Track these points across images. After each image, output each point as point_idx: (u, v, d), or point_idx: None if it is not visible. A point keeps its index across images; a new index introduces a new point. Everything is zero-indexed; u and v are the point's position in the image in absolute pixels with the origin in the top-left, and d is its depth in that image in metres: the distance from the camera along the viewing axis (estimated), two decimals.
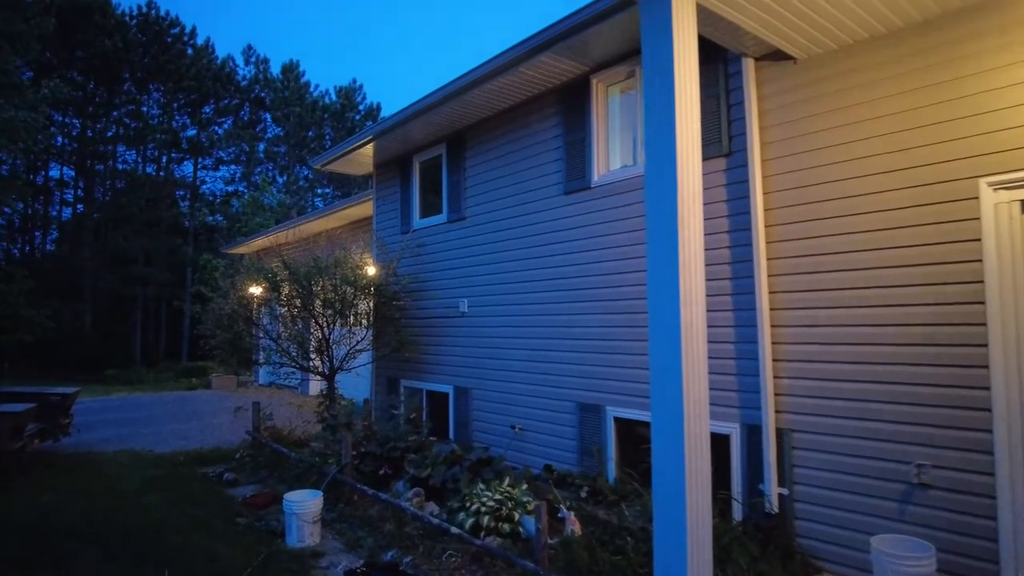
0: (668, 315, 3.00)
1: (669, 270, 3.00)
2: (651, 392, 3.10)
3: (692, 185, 3.09)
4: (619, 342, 5.63)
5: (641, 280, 5.42)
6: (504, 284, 6.99)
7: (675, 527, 2.94)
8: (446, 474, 5.70)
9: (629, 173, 5.65)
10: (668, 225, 3.03)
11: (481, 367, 7.26)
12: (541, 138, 6.57)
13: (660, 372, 3.04)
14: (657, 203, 3.10)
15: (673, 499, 2.95)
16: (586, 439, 5.90)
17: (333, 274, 7.94)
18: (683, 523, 2.91)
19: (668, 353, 3.00)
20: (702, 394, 3.04)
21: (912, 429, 3.87)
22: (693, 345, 2.99)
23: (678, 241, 2.98)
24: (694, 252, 3.05)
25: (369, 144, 8.57)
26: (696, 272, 3.05)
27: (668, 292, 3.01)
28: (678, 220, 2.99)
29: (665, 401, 3.02)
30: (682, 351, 2.94)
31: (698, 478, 2.97)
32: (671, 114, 3.05)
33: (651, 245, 3.14)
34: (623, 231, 5.61)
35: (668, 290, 3.01)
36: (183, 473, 7.32)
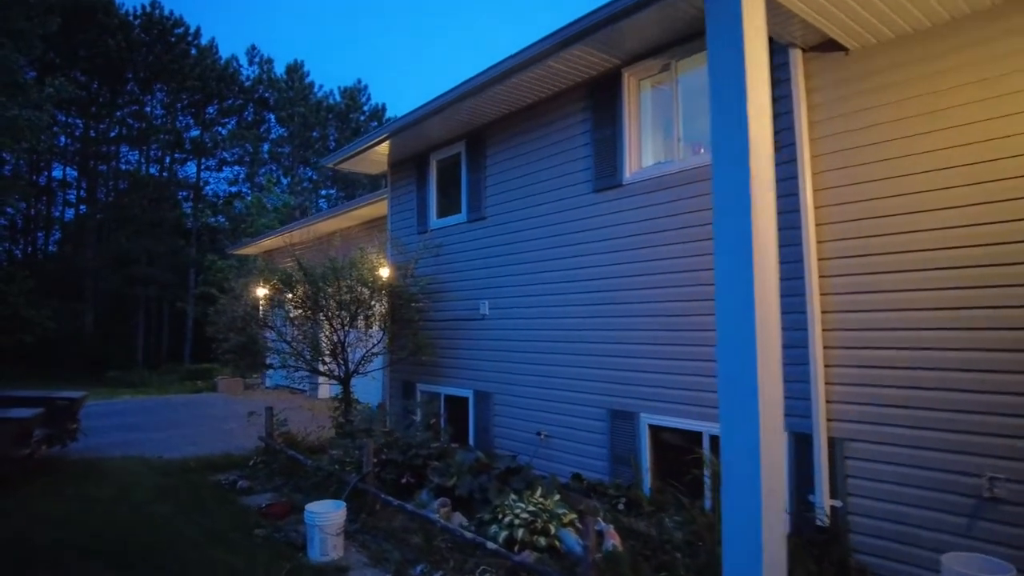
0: (741, 316, 2.77)
1: (742, 268, 2.78)
2: (720, 401, 2.87)
3: (765, 178, 2.87)
4: (654, 346, 5.40)
5: (681, 281, 5.19)
6: (527, 285, 6.77)
7: (749, 547, 2.70)
8: (473, 484, 5.46)
9: (665, 170, 5.42)
10: (740, 222, 2.81)
11: (503, 371, 7.03)
12: (568, 134, 6.35)
13: (731, 378, 2.81)
14: (728, 199, 2.88)
15: (747, 517, 2.72)
16: (618, 447, 5.67)
17: (349, 275, 7.72)
18: (758, 543, 2.67)
19: (740, 358, 2.77)
20: (777, 402, 2.81)
21: (983, 440, 3.64)
22: (768, 348, 2.76)
23: (752, 239, 2.76)
24: (768, 250, 2.83)
25: (384, 142, 8.36)
26: (770, 270, 2.83)
27: (741, 292, 2.78)
28: (751, 216, 2.77)
29: (737, 410, 2.78)
30: (757, 355, 2.71)
31: (773, 495, 2.74)
32: (742, 105, 2.83)
33: (721, 243, 2.91)
34: (660, 229, 5.38)
35: (741, 290, 2.78)
36: (195, 480, 7.08)
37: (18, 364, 21.84)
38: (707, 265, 5.01)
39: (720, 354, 2.86)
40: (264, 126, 35.12)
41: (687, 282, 5.16)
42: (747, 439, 2.74)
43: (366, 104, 36.43)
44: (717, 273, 2.92)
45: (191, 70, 31.05)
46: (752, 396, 2.72)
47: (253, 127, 34.07)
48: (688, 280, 5.16)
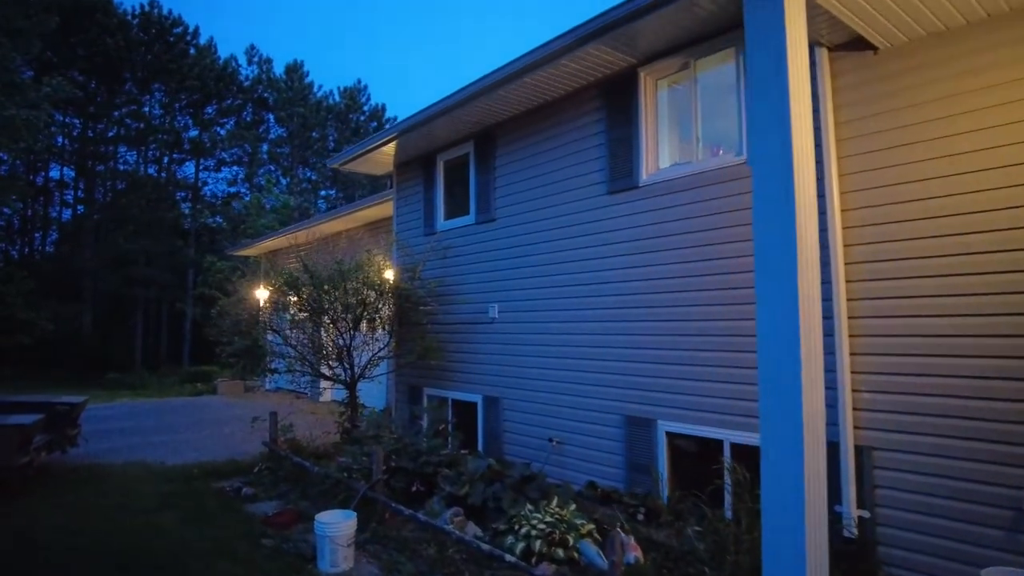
0: (784, 325, 2.65)
1: (785, 272, 2.66)
2: (761, 410, 2.75)
3: (808, 184, 2.75)
4: (672, 352, 5.27)
5: (701, 285, 5.07)
6: (539, 288, 6.64)
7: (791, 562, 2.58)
8: (486, 492, 5.33)
9: (683, 171, 5.30)
10: (784, 229, 2.69)
11: (513, 376, 6.90)
12: (581, 135, 6.22)
13: (772, 387, 2.69)
14: (771, 206, 2.76)
15: (789, 532, 2.60)
16: (634, 454, 5.54)
17: (355, 277, 7.58)
18: (802, 558, 2.55)
19: (783, 366, 2.65)
20: (819, 412, 2.69)
21: (1022, 451, 3.52)
22: (812, 357, 2.64)
23: (796, 245, 2.63)
24: (811, 253, 2.71)
25: (391, 143, 8.23)
26: (813, 273, 2.72)
27: (784, 298, 2.66)
28: (795, 223, 2.64)
29: (778, 420, 2.67)
30: (801, 364, 2.59)
31: (816, 508, 2.63)
32: (784, 104, 2.71)
33: (764, 250, 2.79)
34: (678, 232, 5.26)
35: (784, 296, 2.66)
36: (198, 488, 6.94)
37: (16, 366, 21.63)
38: (727, 269, 4.89)
39: (761, 362, 2.73)
40: (263, 126, 34.93)
41: (707, 286, 5.04)
42: (789, 450, 2.62)
43: (366, 104, 36.28)
44: (758, 278, 2.80)
45: (190, 70, 30.84)
46: (795, 406, 2.60)
47: (252, 127, 33.87)
48: (708, 284, 5.04)
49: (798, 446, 2.56)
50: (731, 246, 4.88)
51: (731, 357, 4.84)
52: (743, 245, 4.79)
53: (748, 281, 4.73)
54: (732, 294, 4.87)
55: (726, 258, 4.91)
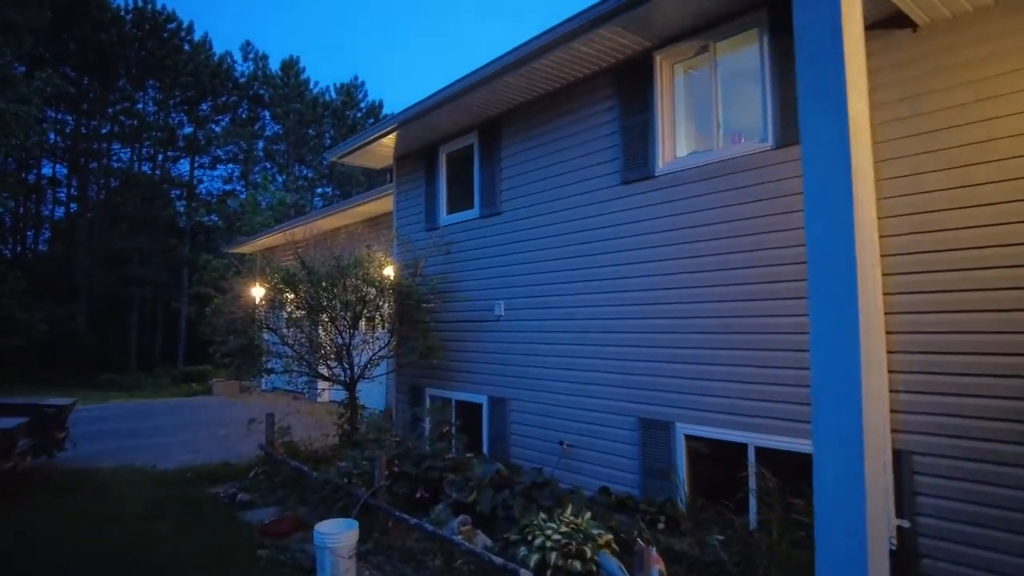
0: (842, 323, 2.37)
1: (843, 268, 2.38)
2: (813, 418, 2.47)
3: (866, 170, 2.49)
4: (692, 350, 5.00)
5: (724, 280, 4.79)
6: (547, 285, 6.36)
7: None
8: (495, 499, 5.05)
9: (703, 160, 5.02)
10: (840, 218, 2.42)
11: (520, 375, 6.62)
12: (592, 123, 5.94)
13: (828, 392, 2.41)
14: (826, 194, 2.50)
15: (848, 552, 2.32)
16: (650, 459, 5.27)
17: (354, 274, 7.28)
18: None
19: (840, 370, 2.37)
20: (883, 420, 2.41)
21: None
22: (872, 358, 2.37)
23: (854, 234, 2.36)
24: (871, 247, 2.44)
25: (391, 134, 7.94)
26: (873, 267, 2.43)
27: (842, 294, 2.38)
28: (853, 212, 2.37)
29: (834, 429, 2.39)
30: (861, 366, 2.31)
31: (878, 526, 2.35)
32: (841, 92, 2.44)
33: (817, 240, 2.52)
34: (698, 224, 4.98)
35: (842, 291, 2.38)
36: (192, 493, 6.64)
37: (11, 367, 21.22)
38: (753, 262, 4.62)
39: (816, 365, 2.46)
40: (259, 123, 34.53)
41: (730, 281, 4.77)
42: (848, 464, 2.34)
43: (363, 101, 35.91)
44: (811, 269, 2.52)
45: (184, 66, 30.44)
46: (854, 413, 2.32)
47: (247, 124, 33.48)
48: (731, 279, 4.76)
49: (858, 459, 2.29)
50: (757, 238, 4.61)
51: (756, 356, 4.57)
52: (771, 236, 4.53)
53: (778, 275, 4.47)
54: (758, 289, 4.59)
55: (751, 251, 4.64)
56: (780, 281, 4.48)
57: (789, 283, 4.43)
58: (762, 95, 4.66)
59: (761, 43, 4.68)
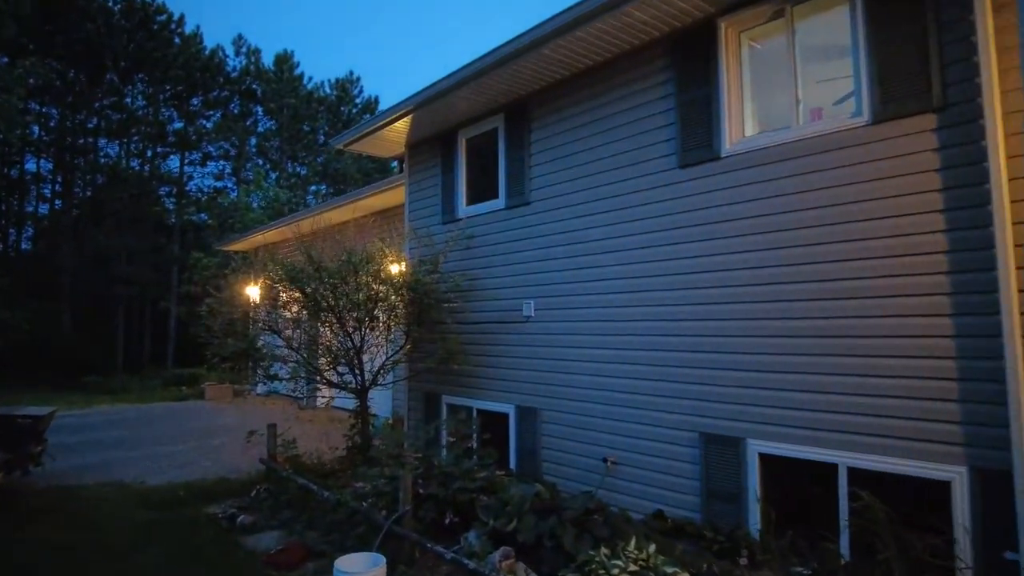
0: None
1: None
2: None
3: None
4: (768, 357, 4.35)
5: (809, 275, 4.15)
6: (586, 282, 5.71)
7: None
8: (540, 528, 4.37)
9: (780, 138, 4.38)
10: None
11: (553, 383, 5.95)
12: (641, 100, 5.29)
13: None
14: None
15: None
16: (714, 479, 4.62)
17: (366, 270, 6.59)
18: None
19: None
20: None
21: None
22: None
23: None
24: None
25: (404, 118, 7.26)
26: None
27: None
28: None
29: None
30: None
31: None
32: None
33: None
34: (775, 211, 4.35)
35: None
36: (186, 515, 5.91)
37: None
38: (843, 255, 4.00)
39: None
40: (251, 119, 33.62)
41: (814, 276, 4.14)
42: None
43: (358, 96, 35.09)
44: None
45: (174, 59, 29.48)
46: None
47: (239, 120, 32.56)
48: (816, 274, 4.13)
49: None
50: (847, 227, 3.99)
51: (852, 363, 3.94)
52: (865, 225, 3.91)
53: (874, 269, 3.85)
54: (850, 286, 3.97)
55: (841, 242, 4.01)
56: (877, 277, 3.86)
57: (888, 279, 3.82)
58: (854, 63, 4.04)
59: (853, 3, 4.06)
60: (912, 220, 3.75)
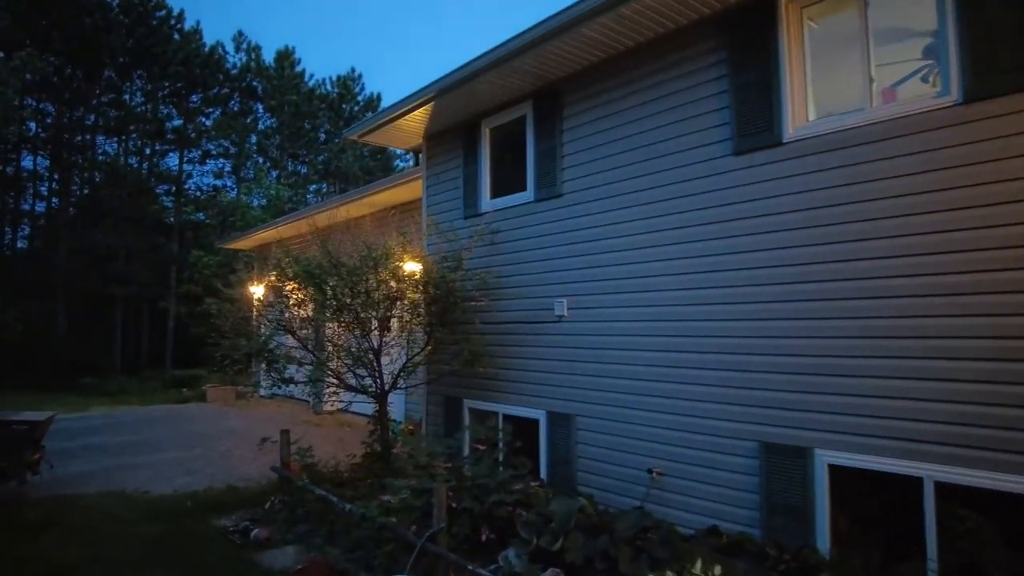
0: None
1: None
2: None
3: None
4: (840, 359, 3.97)
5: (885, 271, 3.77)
6: (626, 279, 5.33)
7: None
8: (591, 547, 4.00)
9: (851, 121, 4.01)
10: None
11: (589, 387, 5.57)
12: (689, 83, 4.92)
13: None
14: None
15: None
16: (776, 492, 4.24)
17: (386, 267, 6.21)
18: None
19: None
20: None
21: None
22: None
23: None
24: None
25: (424, 106, 6.88)
26: None
27: None
28: None
29: None
30: None
31: None
32: None
33: None
34: (848, 201, 3.97)
35: None
36: (194, 529, 5.52)
37: None
38: (927, 248, 3.63)
39: None
40: (251, 117, 33.16)
41: (892, 272, 3.77)
42: None
43: (360, 94, 34.66)
44: None
45: (174, 55, 28.99)
46: None
47: (239, 117, 32.09)
48: (893, 270, 3.76)
49: None
50: (932, 217, 3.62)
51: (941, 367, 3.56)
52: (954, 215, 3.55)
53: (964, 264, 3.48)
54: (936, 283, 3.60)
55: (924, 233, 3.64)
56: (969, 272, 3.49)
57: (983, 274, 3.44)
58: (942, 37, 3.67)
59: None
60: (1010, 209, 3.38)
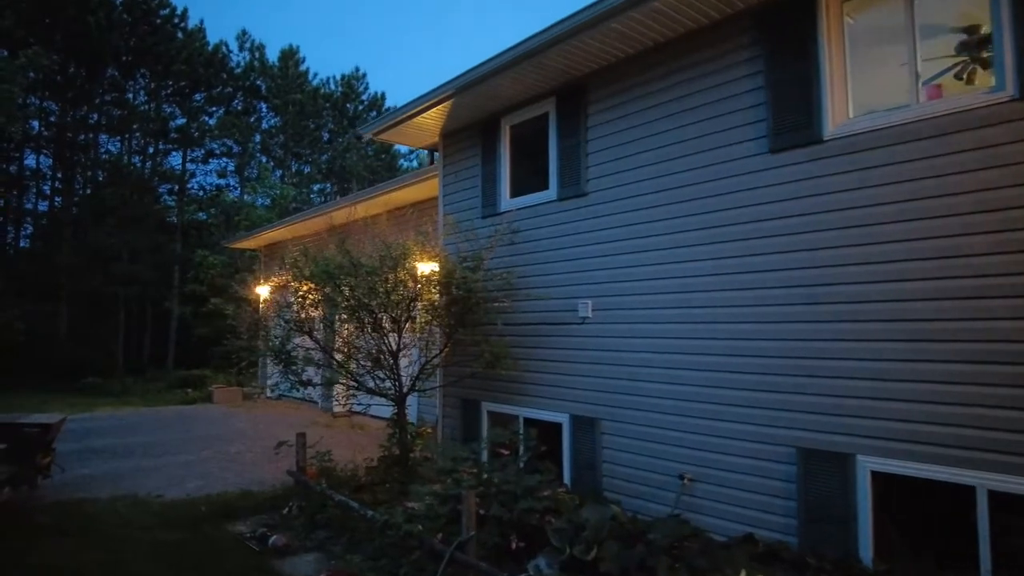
0: None
1: None
2: None
3: None
4: (884, 363, 3.85)
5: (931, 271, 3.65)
6: (654, 280, 5.21)
7: None
8: (626, 556, 3.87)
9: (896, 118, 3.88)
10: None
11: (615, 390, 5.45)
12: (722, 79, 4.80)
13: None
14: None
15: None
16: (815, 500, 4.11)
17: (404, 266, 6.08)
18: None
19: None
20: None
21: None
22: None
23: None
24: None
25: (442, 104, 6.76)
26: None
27: None
28: None
29: None
30: None
31: None
32: None
33: None
34: (893, 200, 3.84)
35: None
36: (211, 535, 5.39)
37: None
38: (988, 248, 3.50)
39: None
40: (254, 116, 33.03)
41: (947, 273, 3.64)
42: None
43: (364, 93, 34.53)
44: None
45: (177, 54, 28.86)
46: None
47: (243, 116, 31.95)
48: (945, 271, 3.64)
49: None
50: (985, 218, 3.49)
51: (996, 372, 3.44)
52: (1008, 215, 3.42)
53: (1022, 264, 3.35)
54: (991, 284, 3.47)
55: (982, 233, 3.52)
56: None
57: None
58: (996, 31, 3.54)
59: None
60: None
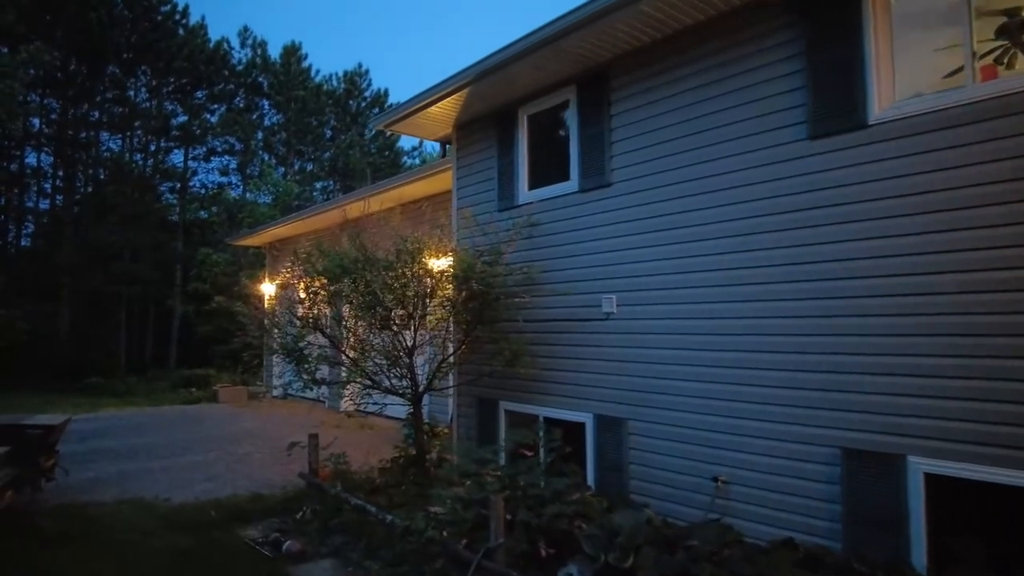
0: None
1: None
2: None
3: None
4: (940, 359, 3.63)
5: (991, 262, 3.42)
6: (681, 274, 5.00)
7: None
8: (667, 565, 3.66)
9: (948, 101, 3.66)
10: None
11: (643, 389, 5.24)
12: (756, 62, 4.58)
13: None
14: None
15: None
16: (860, 502, 3.90)
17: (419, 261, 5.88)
18: None
19: None
20: None
21: None
22: None
23: None
24: None
25: (456, 94, 6.55)
26: None
27: None
28: None
29: None
30: None
31: None
32: None
33: None
34: (959, 184, 3.62)
35: None
36: (222, 540, 5.18)
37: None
38: None
39: None
40: (256, 113, 32.81)
41: (1005, 263, 3.43)
42: None
43: (367, 90, 34.29)
44: None
45: (178, 51, 28.65)
46: None
47: (245, 114, 31.74)
48: (1005, 260, 3.43)
49: None
50: None
51: None
52: None
53: None
54: None
55: None
56: None
57: None
58: None
59: None
60: None
